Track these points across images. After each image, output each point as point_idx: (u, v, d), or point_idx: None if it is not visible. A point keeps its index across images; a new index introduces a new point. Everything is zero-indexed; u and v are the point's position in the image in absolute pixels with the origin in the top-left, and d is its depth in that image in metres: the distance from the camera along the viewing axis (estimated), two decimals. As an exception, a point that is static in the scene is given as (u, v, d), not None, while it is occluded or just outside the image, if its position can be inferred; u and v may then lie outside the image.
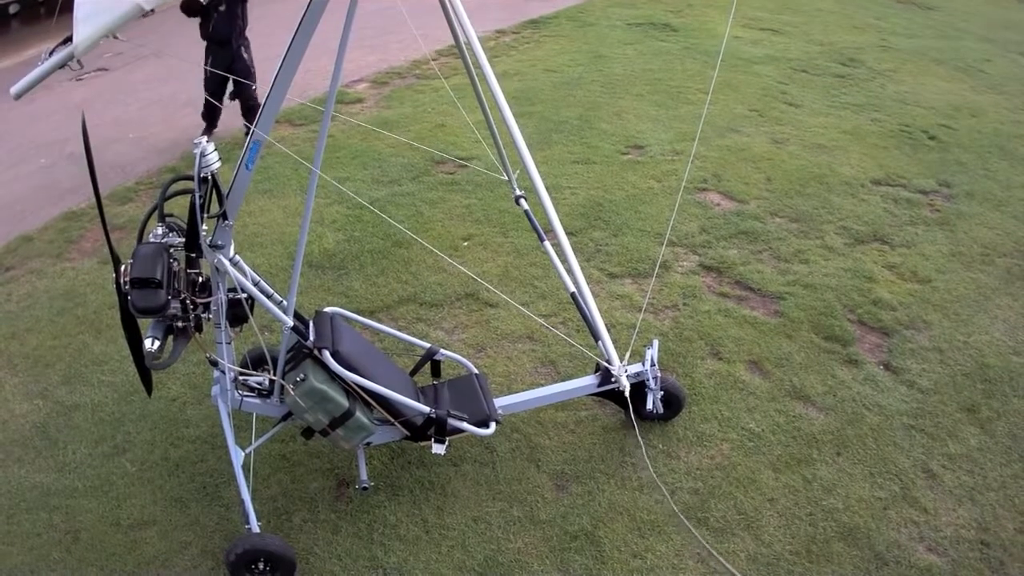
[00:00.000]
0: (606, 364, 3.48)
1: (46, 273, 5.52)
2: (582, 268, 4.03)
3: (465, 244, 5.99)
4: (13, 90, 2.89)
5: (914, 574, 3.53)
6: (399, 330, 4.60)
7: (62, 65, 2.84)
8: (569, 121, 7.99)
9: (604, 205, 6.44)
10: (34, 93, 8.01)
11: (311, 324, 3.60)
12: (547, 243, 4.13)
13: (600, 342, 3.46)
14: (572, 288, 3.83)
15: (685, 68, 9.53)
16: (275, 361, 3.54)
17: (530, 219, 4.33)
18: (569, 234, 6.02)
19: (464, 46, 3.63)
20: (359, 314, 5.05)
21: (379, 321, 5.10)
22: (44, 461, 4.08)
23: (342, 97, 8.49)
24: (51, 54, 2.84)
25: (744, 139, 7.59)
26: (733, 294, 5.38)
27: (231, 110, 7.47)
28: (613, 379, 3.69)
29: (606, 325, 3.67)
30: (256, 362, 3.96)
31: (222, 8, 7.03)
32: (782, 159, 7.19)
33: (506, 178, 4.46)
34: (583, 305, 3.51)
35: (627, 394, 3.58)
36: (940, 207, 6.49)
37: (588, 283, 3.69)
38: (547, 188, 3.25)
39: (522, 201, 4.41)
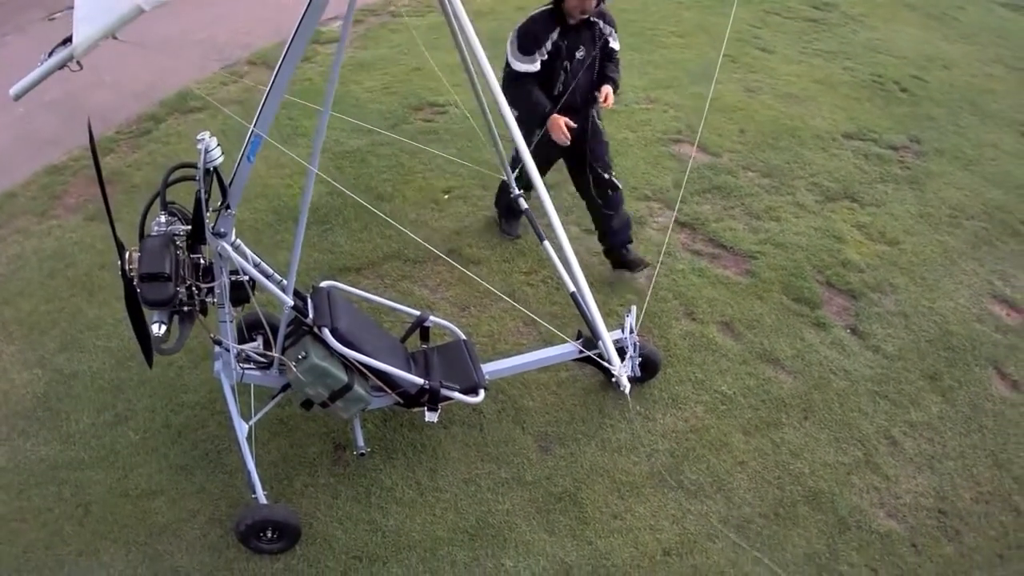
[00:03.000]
0: (607, 364, 3.55)
1: (33, 232, 5.51)
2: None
3: (446, 197, 6.06)
4: (12, 91, 2.90)
5: (874, 539, 3.83)
6: (388, 290, 4.78)
7: (61, 66, 2.86)
8: (543, 66, 7.96)
9: (580, 157, 6.51)
10: (6, 35, 7.75)
11: (309, 300, 3.73)
12: (546, 243, 4.24)
13: (600, 342, 3.54)
14: (572, 288, 3.93)
15: (658, 8, 9.46)
16: (272, 327, 3.69)
17: (530, 218, 4.42)
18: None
19: (466, 55, 3.65)
20: (348, 272, 5.21)
21: (365, 278, 5.23)
22: (48, 433, 4.18)
23: (317, 37, 8.35)
24: (50, 55, 2.85)
25: (717, 87, 7.57)
26: (707, 252, 5.55)
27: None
28: (612, 374, 3.74)
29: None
30: (251, 327, 4.07)
31: (580, 54, 4.67)
32: (755, 109, 7.28)
33: (505, 177, 4.50)
34: (583, 305, 3.59)
35: (627, 393, 3.67)
36: (910, 164, 6.65)
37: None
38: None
39: (521, 200, 4.49)
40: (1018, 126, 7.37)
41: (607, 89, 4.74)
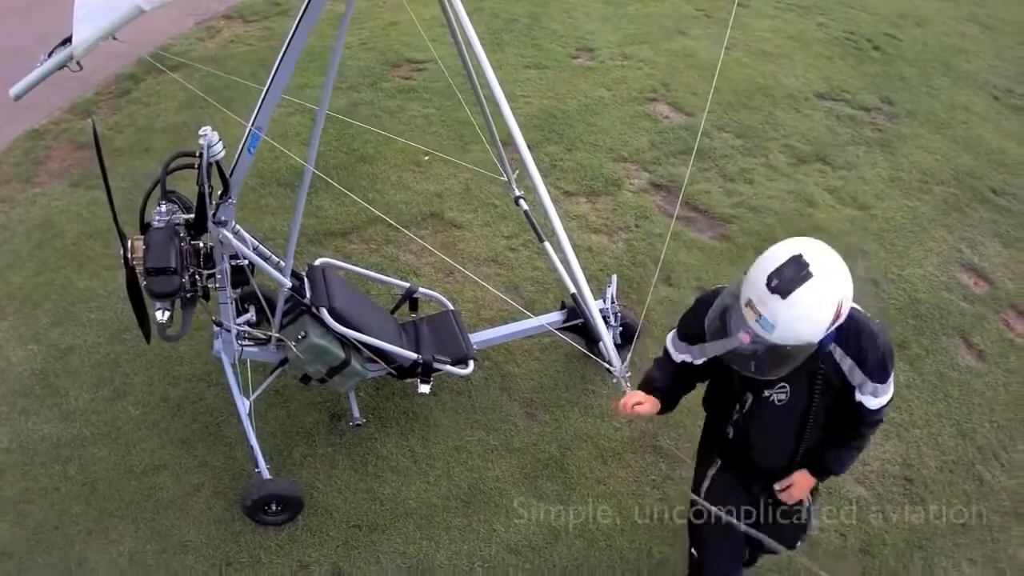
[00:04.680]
0: (607, 366, 3.46)
1: (18, 201, 5.47)
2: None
3: (427, 158, 6.07)
4: (12, 91, 2.93)
5: (843, 505, 4.06)
6: (373, 254, 5.08)
7: (61, 66, 2.89)
8: (519, 19, 7.89)
9: (557, 116, 6.53)
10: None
11: (305, 279, 3.84)
12: (546, 243, 4.30)
13: (601, 343, 3.60)
14: (573, 289, 3.95)
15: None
16: (267, 301, 3.79)
17: (529, 220, 4.44)
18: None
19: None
20: (334, 237, 5.27)
21: (351, 243, 5.31)
22: (49, 411, 4.23)
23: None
24: (50, 55, 2.88)
25: (691, 43, 7.61)
26: (682, 215, 5.62)
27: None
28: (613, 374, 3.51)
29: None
30: (245, 298, 4.16)
31: (777, 395, 2.78)
32: (729, 67, 7.28)
33: (505, 179, 4.52)
34: (584, 306, 3.64)
35: (626, 390, 3.59)
36: (882, 126, 6.74)
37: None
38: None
39: (521, 202, 4.50)
40: (991, 88, 7.46)
41: (796, 483, 3.02)
